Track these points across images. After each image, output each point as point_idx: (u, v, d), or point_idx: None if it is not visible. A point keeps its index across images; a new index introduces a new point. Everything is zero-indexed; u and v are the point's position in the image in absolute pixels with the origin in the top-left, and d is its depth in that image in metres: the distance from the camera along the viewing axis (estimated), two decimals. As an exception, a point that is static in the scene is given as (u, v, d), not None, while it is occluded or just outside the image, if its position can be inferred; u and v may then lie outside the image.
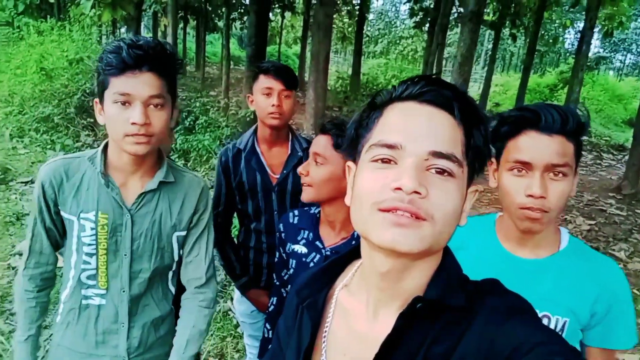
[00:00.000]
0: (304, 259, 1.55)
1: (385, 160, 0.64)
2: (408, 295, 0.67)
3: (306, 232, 1.58)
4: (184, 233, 1.43)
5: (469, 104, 0.67)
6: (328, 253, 1.52)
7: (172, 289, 1.51)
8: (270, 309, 1.74)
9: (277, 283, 1.72)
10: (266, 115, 1.95)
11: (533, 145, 1.08)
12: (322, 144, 1.49)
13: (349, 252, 0.82)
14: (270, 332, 1.73)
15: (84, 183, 1.32)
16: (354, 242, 1.52)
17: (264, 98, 1.97)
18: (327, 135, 1.49)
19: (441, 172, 0.63)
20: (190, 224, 1.45)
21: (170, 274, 1.48)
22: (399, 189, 0.60)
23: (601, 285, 1.12)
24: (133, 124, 1.20)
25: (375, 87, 18.10)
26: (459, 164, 0.64)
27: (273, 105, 1.93)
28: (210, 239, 1.49)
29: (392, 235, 0.60)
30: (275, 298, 1.73)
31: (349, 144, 0.74)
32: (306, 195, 1.50)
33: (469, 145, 0.66)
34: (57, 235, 1.38)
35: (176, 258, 1.45)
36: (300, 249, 1.57)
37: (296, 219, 1.63)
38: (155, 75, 1.21)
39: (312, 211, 1.62)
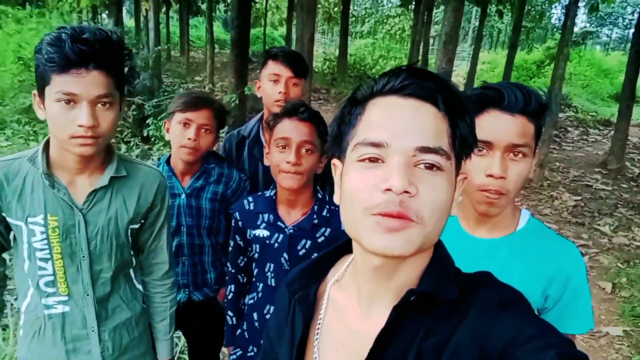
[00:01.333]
0: (267, 242, 1.57)
1: (373, 159, 0.63)
2: (400, 289, 0.67)
3: (266, 216, 1.58)
4: (137, 226, 1.39)
5: (453, 93, 0.66)
6: (291, 231, 1.55)
7: (140, 288, 1.49)
8: (229, 297, 1.75)
9: (232, 270, 1.73)
10: (272, 102, 1.89)
11: (495, 124, 1.06)
12: (309, 132, 1.50)
13: (339, 246, 0.82)
14: (234, 318, 1.75)
15: (27, 185, 1.24)
16: (315, 216, 1.55)
17: (271, 85, 1.91)
18: (310, 123, 1.50)
19: (430, 166, 0.62)
20: (146, 218, 1.41)
21: (132, 271, 1.46)
22: (389, 189, 0.60)
23: (555, 267, 1.10)
24: (80, 126, 1.12)
25: (362, 68, 17.98)
26: (446, 157, 0.63)
27: (280, 92, 1.87)
28: (169, 231, 1.52)
29: (384, 241, 0.61)
30: (233, 285, 1.75)
31: (333, 141, 0.73)
32: (296, 183, 1.49)
33: (454, 135, 0.65)
34: (2, 239, 1.32)
35: (132, 252, 1.43)
36: (262, 232, 1.58)
37: (252, 204, 1.63)
38: (103, 73, 1.13)
39: (267, 194, 1.62)
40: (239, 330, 1.71)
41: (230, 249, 1.72)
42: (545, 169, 7.45)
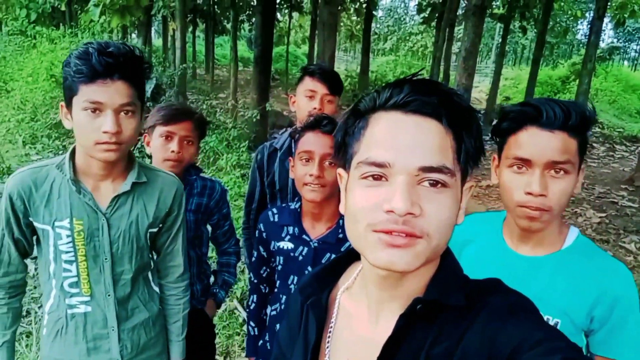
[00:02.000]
0: (292, 254, 1.58)
1: (376, 177, 0.63)
2: (408, 296, 0.68)
3: (290, 228, 1.59)
4: (155, 230, 1.45)
5: (458, 107, 0.64)
6: (316, 245, 1.55)
7: (157, 290, 1.55)
8: (251, 307, 1.77)
9: (255, 281, 1.75)
10: (307, 118, 1.93)
11: (533, 142, 1.05)
12: (331, 144, 1.46)
13: (350, 252, 0.82)
14: (255, 329, 1.76)
15: (54, 191, 1.31)
16: (340, 230, 1.55)
17: (307, 100, 1.96)
18: (331, 135, 1.49)
19: (434, 184, 0.62)
20: (164, 222, 1.47)
21: (150, 274, 1.52)
22: (392, 211, 0.60)
23: (602, 287, 1.07)
24: (105, 132, 1.19)
25: (383, 84, 17.99)
26: (451, 174, 0.63)
27: (315, 108, 1.92)
28: (184, 235, 1.57)
29: (387, 256, 0.61)
30: (255, 296, 1.76)
31: (338, 151, 0.73)
32: (319, 195, 1.49)
33: (460, 149, 0.65)
34: (26, 245, 1.39)
35: (150, 255, 1.49)
36: (286, 245, 1.59)
37: (276, 216, 1.64)
38: (127, 83, 1.21)
39: (292, 207, 1.63)
40: (260, 341, 1.72)
41: (253, 259, 1.74)
42: (569, 185, 7.27)
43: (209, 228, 2.04)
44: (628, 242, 5.54)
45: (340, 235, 1.55)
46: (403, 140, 0.62)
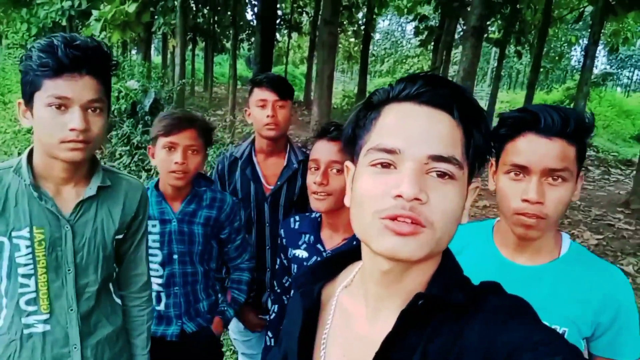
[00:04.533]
0: (305, 263, 1.54)
1: (385, 165, 0.63)
2: (408, 294, 0.67)
3: (307, 236, 1.57)
4: (121, 236, 1.38)
5: (469, 102, 0.65)
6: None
7: (119, 301, 1.46)
8: (271, 317, 1.72)
9: (279, 290, 1.70)
10: (262, 126, 1.95)
11: (531, 149, 1.04)
12: (337, 151, 1.46)
13: (349, 251, 0.82)
14: (272, 340, 1.69)
15: (11, 198, 1.19)
16: (355, 242, 1.50)
17: (259, 110, 1.97)
18: (339, 142, 1.47)
19: (442, 175, 0.62)
20: (129, 228, 1.40)
21: (111, 285, 1.43)
22: (400, 196, 0.60)
23: (605, 294, 1.07)
24: (72, 129, 1.11)
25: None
26: (459, 166, 0.63)
27: (268, 116, 1.93)
28: (147, 243, 1.50)
29: (392, 243, 0.61)
30: (276, 305, 1.71)
31: (346, 143, 0.74)
32: (324, 205, 1.46)
33: (469, 144, 0.65)
34: None
35: (115, 264, 1.42)
36: (301, 253, 1.56)
37: (297, 224, 1.62)
38: (95, 78, 1.14)
39: (312, 216, 1.61)
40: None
41: (276, 267, 1.71)
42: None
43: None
44: (626, 265, 5.52)
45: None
46: (414, 128, 0.63)
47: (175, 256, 1.79)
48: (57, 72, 1.09)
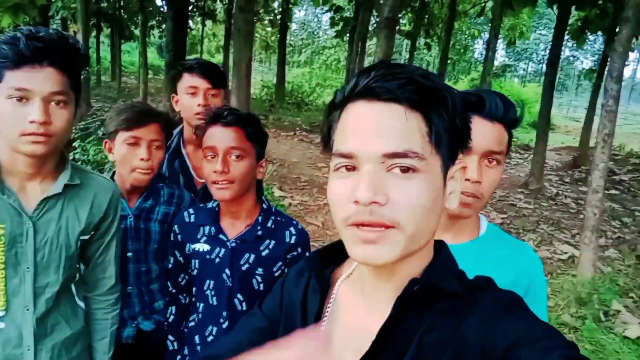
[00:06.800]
0: (207, 257, 1.47)
1: (349, 168, 0.63)
2: (403, 284, 0.67)
3: (207, 228, 1.49)
4: (87, 237, 1.33)
5: (421, 88, 0.62)
6: (234, 245, 1.46)
7: (82, 305, 1.39)
8: (170, 319, 1.62)
9: (173, 291, 1.61)
10: (192, 115, 1.82)
11: (475, 130, 1.06)
12: (236, 137, 1.41)
13: None
14: (175, 343, 1.60)
15: None
16: (259, 227, 1.47)
17: (189, 97, 1.85)
18: (236, 127, 1.42)
19: (405, 170, 0.61)
20: (97, 229, 1.35)
21: (74, 286, 1.36)
22: (357, 201, 0.60)
23: (518, 269, 1.14)
24: (31, 122, 1.10)
25: (300, 95, 18.23)
26: (419, 158, 0.61)
27: (199, 105, 1.82)
28: (118, 244, 1.45)
29: (363, 252, 0.61)
30: (174, 307, 1.62)
31: (325, 144, 0.72)
32: (229, 194, 1.39)
33: (431, 130, 0.63)
34: None
35: (77, 265, 1.35)
36: (202, 247, 1.48)
37: (192, 217, 1.54)
38: (58, 70, 1.12)
39: (209, 206, 1.54)
40: (179, 356, 1.57)
41: (169, 266, 1.60)
42: (474, 190, 7.82)
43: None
44: (527, 240, 6.04)
45: (259, 233, 1.46)
46: (366, 128, 0.62)
47: (130, 254, 1.69)
48: (17, 64, 1.08)
